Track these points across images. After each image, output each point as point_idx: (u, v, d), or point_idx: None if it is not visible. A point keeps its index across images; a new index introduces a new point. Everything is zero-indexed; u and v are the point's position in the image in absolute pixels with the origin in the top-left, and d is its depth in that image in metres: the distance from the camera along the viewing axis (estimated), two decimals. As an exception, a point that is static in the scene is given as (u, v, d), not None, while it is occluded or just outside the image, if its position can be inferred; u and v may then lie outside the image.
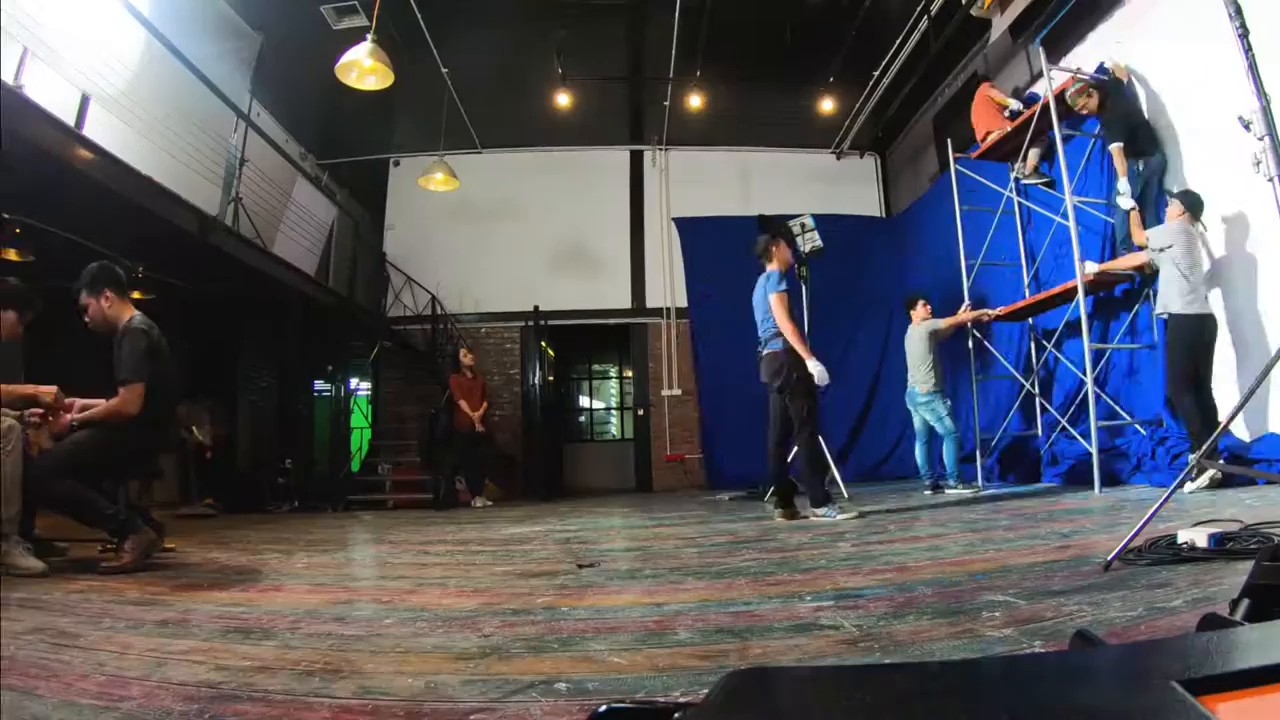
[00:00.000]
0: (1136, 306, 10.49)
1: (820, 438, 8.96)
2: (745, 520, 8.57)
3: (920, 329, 11.57)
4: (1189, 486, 7.70)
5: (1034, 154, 12.34)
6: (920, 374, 11.41)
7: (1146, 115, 10.34)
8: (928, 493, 11.06)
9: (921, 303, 11.92)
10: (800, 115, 18.83)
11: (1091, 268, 9.78)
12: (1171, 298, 8.47)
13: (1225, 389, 8.75)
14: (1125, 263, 9.84)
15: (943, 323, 11.70)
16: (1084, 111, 10.55)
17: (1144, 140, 10.11)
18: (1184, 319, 8.33)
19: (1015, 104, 12.16)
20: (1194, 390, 8.25)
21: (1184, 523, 4.73)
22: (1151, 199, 10.11)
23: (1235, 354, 9.14)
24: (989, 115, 12.64)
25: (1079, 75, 10.66)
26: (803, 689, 0.81)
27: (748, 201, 19.22)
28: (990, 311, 12.33)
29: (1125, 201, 9.98)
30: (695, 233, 19.46)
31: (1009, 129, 11.74)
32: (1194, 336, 8.28)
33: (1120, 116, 10.32)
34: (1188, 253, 8.38)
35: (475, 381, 14.89)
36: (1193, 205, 8.82)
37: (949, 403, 11.47)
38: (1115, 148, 10.25)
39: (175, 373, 6.59)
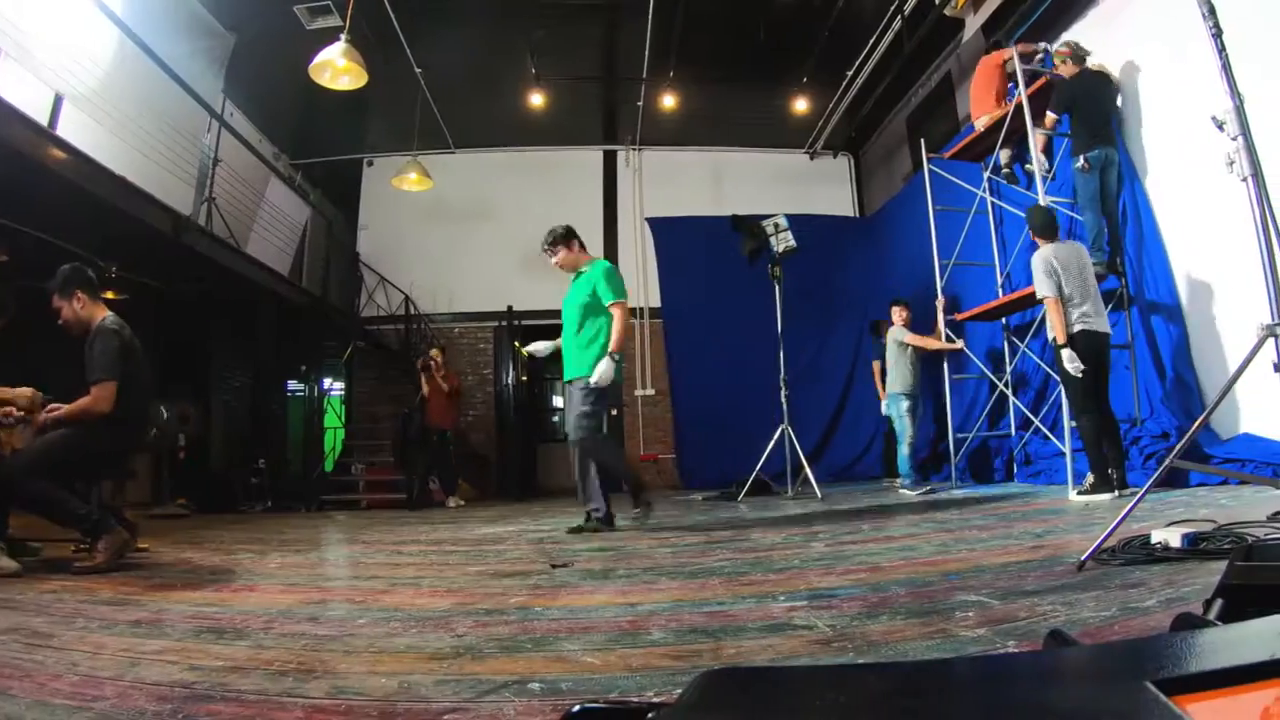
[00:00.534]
0: (1108, 306, 10.54)
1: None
2: (719, 520, 8.56)
3: (893, 332, 11.71)
4: (1073, 493, 8.00)
5: (1005, 154, 12.35)
6: (891, 375, 11.49)
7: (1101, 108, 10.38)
8: (904, 491, 11.09)
9: (898, 309, 12.03)
10: (774, 115, 18.87)
11: None
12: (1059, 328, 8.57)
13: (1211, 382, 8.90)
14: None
15: (908, 337, 11.75)
16: (1060, 73, 10.54)
17: (1096, 129, 10.15)
18: (1063, 347, 8.43)
19: (1039, 54, 11.70)
20: (1093, 409, 8.39)
21: (1158, 523, 4.76)
22: (1111, 193, 10.15)
23: (1201, 352, 9.24)
24: (990, 88, 12.42)
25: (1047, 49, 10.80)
26: (776, 689, 0.81)
27: (721, 202, 19.15)
28: (960, 344, 12.38)
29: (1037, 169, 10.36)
30: (668, 233, 19.55)
31: (1007, 112, 11.62)
32: (1082, 356, 8.36)
33: (1066, 92, 10.38)
34: (1052, 281, 8.47)
35: (450, 380, 14.80)
36: (1042, 228, 8.95)
37: (905, 404, 11.69)
38: (1049, 116, 10.40)
39: (148, 373, 6.58)
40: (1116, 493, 7.91)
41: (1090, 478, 8.21)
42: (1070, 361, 8.24)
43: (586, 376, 8.24)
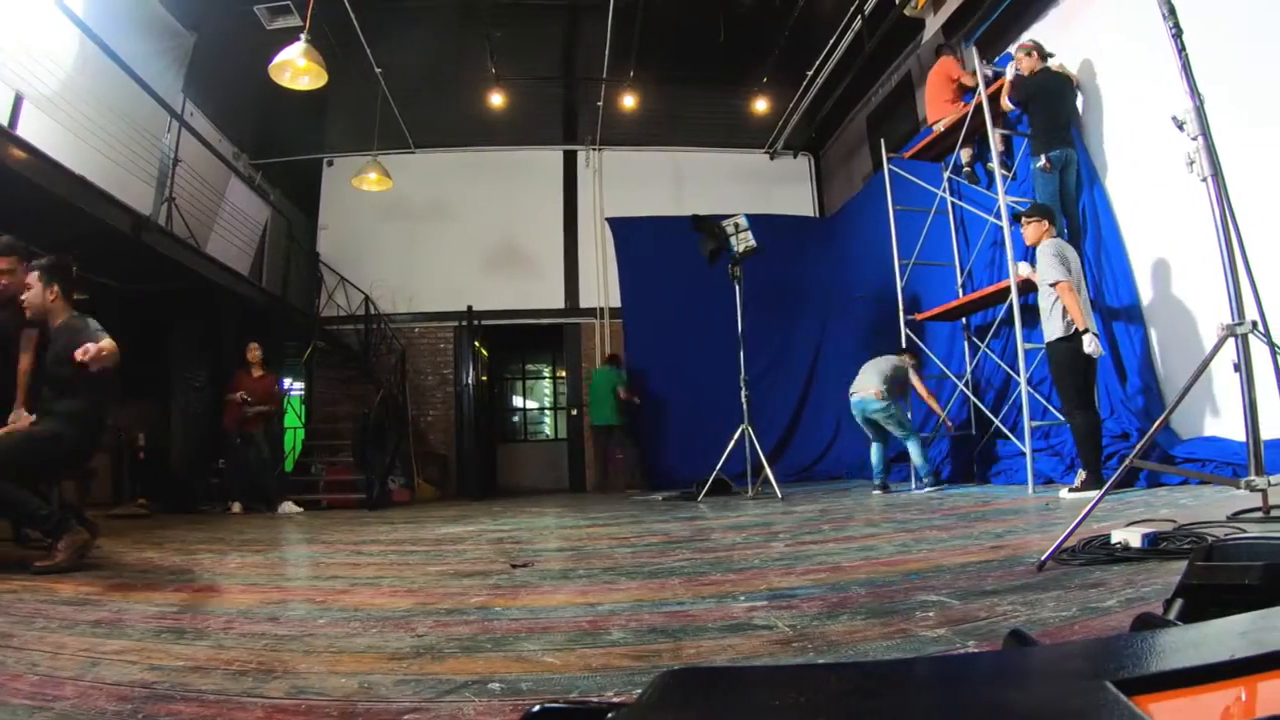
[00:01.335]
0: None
1: None
2: (679, 520, 8.55)
3: (905, 363, 11.81)
4: (1064, 491, 8.07)
5: (965, 154, 12.40)
6: (879, 385, 11.43)
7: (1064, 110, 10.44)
8: (876, 493, 11.14)
9: (913, 359, 12.13)
10: (734, 115, 18.92)
11: (1025, 269, 9.84)
12: (1054, 327, 8.61)
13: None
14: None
15: (920, 387, 11.75)
16: (1023, 69, 10.58)
17: (1055, 128, 10.20)
18: (1060, 344, 8.48)
19: (985, 71, 11.67)
20: (1088, 404, 8.49)
21: (1118, 523, 4.77)
22: (1071, 193, 10.21)
23: (1162, 353, 9.31)
24: (944, 96, 12.50)
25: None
26: (736, 689, 0.81)
27: (681, 202, 19.23)
28: (945, 419, 12.45)
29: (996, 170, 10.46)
30: (629, 233, 19.57)
31: (966, 113, 11.64)
32: (1073, 356, 8.41)
33: (1026, 87, 10.46)
34: (1063, 268, 8.47)
35: (263, 381, 14.17)
36: (1054, 217, 9.05)
37: (901, 404, 11.65)
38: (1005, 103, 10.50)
39: (110, 374, 6.54)
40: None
41: (1082, 474, 8.23)
42: (1091, 345, 8.24)
43: None
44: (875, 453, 11.83)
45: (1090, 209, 10.27)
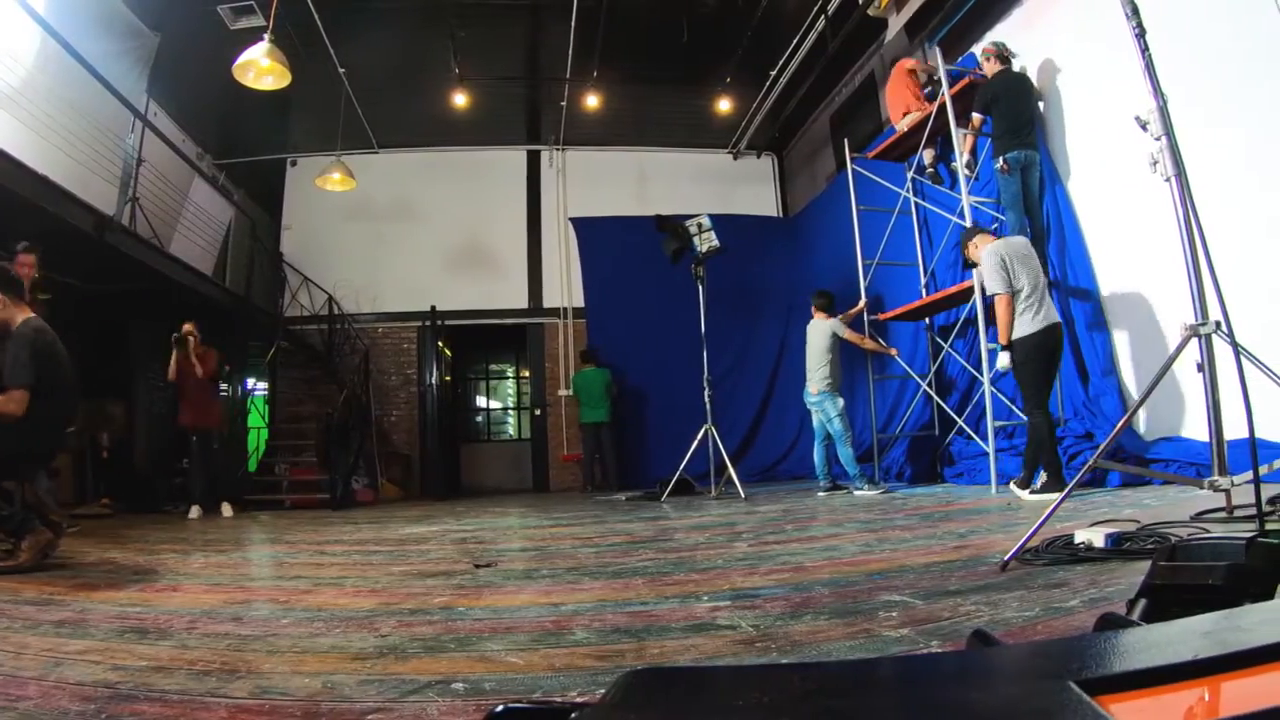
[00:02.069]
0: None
1: None
2: (642, 520, 8.56)
3: (825, 325, 11.58)
4: (1025, 493, 8.11)
5: (929, 154, 12.44)
6: (816, 374, 11.43)
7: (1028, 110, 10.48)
8: (822, 494, 11.14)
9: (822, 300, 11.97)
10: (697, 115, 18.91)
11: (1004, 361, 9.87)
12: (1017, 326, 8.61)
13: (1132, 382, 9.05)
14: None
15: (847, 333, 11.68)
16: (986, 73, 10.64)
17: (1016, 129, 10.24)
18: (1021, 341, 8.42)
19: (940, 70, 11.64)
20: (1045, 404, 8.44)
21: (1081, 523, 4.82)
22: (1034, 193, 10.25)
23: (1125, 354, 9.36)
24: (905, 96, 12.52)
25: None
26: (699, 689, 0.81)
27: (644, 202, 19.24)
28: (895, 352, 12.42)
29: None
30: (592, 233, 19.56)
31: (929, 113, 11.64)
32: (1034, 353, 8.37)
33: (986, 91, 10.56)
34: (1003, 277, 8.48)
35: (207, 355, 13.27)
36: (974, 232, 9.18)
37: (840, 402, 11.53)
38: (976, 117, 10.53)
39: (71, 374, 6.51)
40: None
41: (1044, 476, 8.20)
42: (1004, 364, 8.29)
43: None
44: (817, 449, 11.83)
45: (1052, 209, 10.32)
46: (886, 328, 13.14)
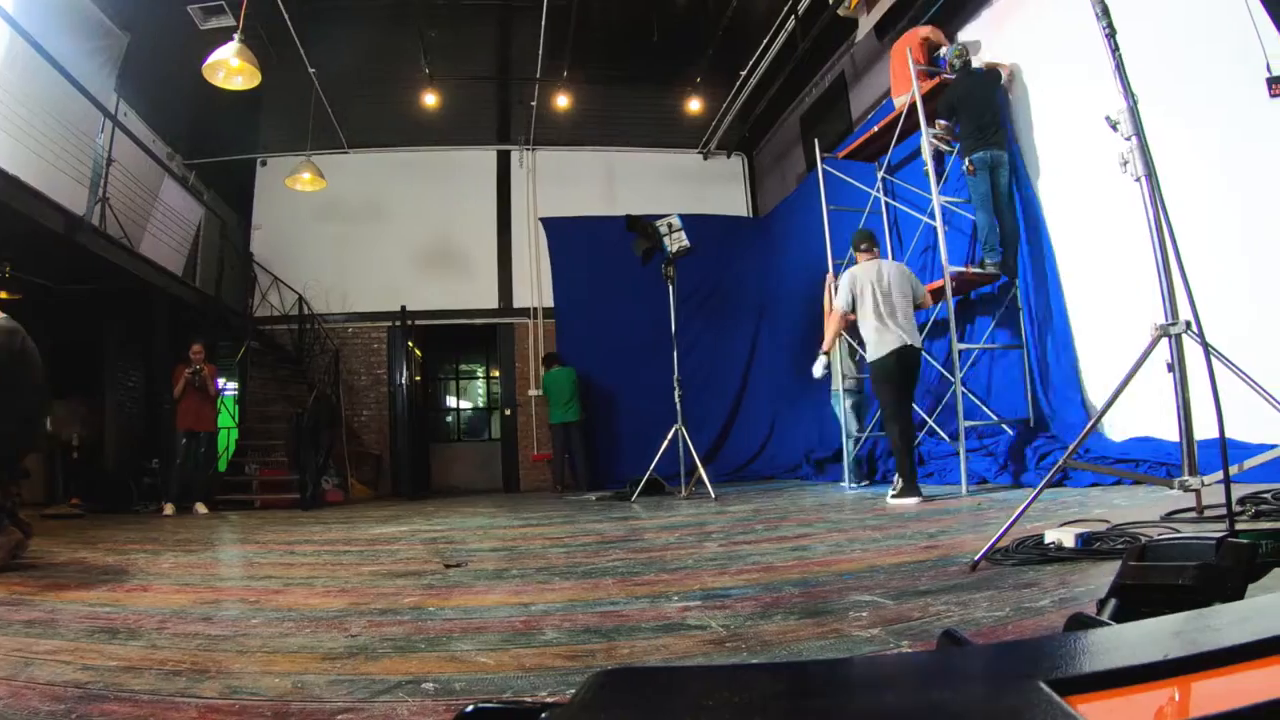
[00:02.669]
0: (1000, 309, 10.65)
1: None
2: (612, 520, 8.57)
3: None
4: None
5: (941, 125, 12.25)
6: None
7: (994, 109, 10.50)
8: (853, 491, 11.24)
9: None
10: (667, 115, 18.98)
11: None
12: (867, 347, 9.11)
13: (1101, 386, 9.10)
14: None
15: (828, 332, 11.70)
16: (951, 71, 10.74)
17: (982, 130, 10.27)
18: (873, 365, 8.95)
19: (947, 49, 11.48)
20: (900, 418, 8.81)
21: (1051, 523, 4.82)
22: (1002, 193, 10.28)
23: (1095, 354, 9.40)
24: (908, 68, 12.16)
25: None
26: (670, 689, 0.80)
27: (614, 202, 19.35)
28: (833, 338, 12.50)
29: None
30: (562, 233, 19.57)
31: (931, 87, 11.50)
32: (886, 375, 8.82)
33: (946, 97, 10.72)
34: (854, 298, 8.96)
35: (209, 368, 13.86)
36: (854, 244, 9.60)
37: (847, 402, 11.78)
38: (939, 125, 10.59)
39: (40, 375, 6.47)
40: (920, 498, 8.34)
41: (899, 481, 8.56)
42: (818, 371, 9.59)
43: None
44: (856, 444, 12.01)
45: (1021, 208, 10.34)
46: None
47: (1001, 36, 10.96)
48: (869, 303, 8.70)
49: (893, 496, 8.46)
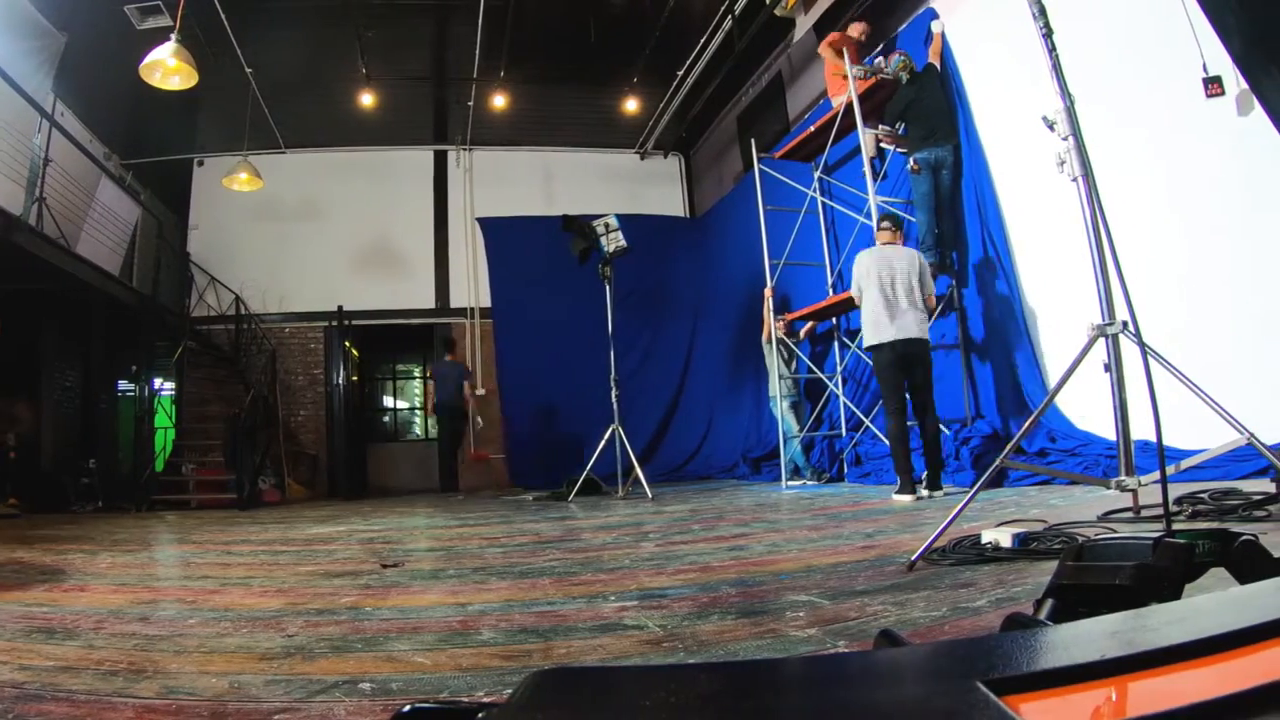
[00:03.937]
0: (938, 308, 10.71)
1: None
2: (549, 520, 8.58)
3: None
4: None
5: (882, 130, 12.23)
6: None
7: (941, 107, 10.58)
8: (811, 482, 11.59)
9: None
10: (604, 115, 19.13)
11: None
12: (863, 332, 9.18)
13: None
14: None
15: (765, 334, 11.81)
16: (902, 76, 10.73)
17: (930, 130, 10.32)
18: (870, 352, 9.07)
19: (857, 71, 11.47)
20: (894, 414, 8.80)
21: (988, 523, 4.86)
22: (944, 194, 10.34)
23: (1040, 352, 9.48)
24: (840, 67, 12.06)
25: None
26: (606, 689, 0.80)
27: (552, 202, 19.39)
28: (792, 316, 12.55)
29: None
30: (499, 233, 19.62)
31: (867, 87, 11.44)
32: (880, 367, 8.97)
33: (894, 104, 10.81)
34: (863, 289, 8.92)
35: None
36: (880, 222, 9.46)
37: (784, 403, 12.03)
38: (883, 130, 10.68)
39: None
40: (916, 495, 8.34)
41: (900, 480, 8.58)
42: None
43: None
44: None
45: (971, 205, 10.39)
46: (794, 328, 13.18)
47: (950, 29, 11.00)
48: (872, 292, 8.71)
49: (895, 493, 8.49)
